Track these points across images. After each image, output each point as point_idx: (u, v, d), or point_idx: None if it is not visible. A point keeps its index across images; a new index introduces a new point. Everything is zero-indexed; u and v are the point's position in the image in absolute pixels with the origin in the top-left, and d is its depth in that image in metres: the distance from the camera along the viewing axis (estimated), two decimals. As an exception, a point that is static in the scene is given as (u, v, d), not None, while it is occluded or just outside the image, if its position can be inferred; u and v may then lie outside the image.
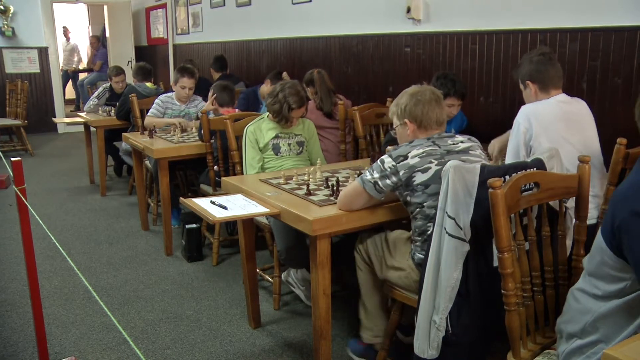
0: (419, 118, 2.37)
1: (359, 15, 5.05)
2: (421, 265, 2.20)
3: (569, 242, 2.08)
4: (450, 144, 2.33)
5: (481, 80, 4.00)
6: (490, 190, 1.69)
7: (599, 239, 1.55)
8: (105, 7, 10.05)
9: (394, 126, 2.52)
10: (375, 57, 4.94)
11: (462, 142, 2.38)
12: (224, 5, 7.34)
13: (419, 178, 2.22)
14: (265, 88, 4.90)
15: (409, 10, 4.42)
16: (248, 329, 3.07)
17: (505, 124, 2.82)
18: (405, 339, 2.76)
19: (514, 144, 2.70)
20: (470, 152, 2.36)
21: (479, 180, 1.92)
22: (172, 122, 4.55)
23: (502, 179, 1.85)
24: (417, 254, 2.30)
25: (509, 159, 2.70)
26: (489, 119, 3.91)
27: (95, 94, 6.23)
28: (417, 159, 2.23)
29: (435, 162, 2.23)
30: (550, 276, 1.96)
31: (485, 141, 3.55)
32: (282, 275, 3.37)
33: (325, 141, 4.04)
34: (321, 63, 5.30)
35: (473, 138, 2.47)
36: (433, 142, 2.31)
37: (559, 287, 2.00)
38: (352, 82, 5.20)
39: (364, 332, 2.65)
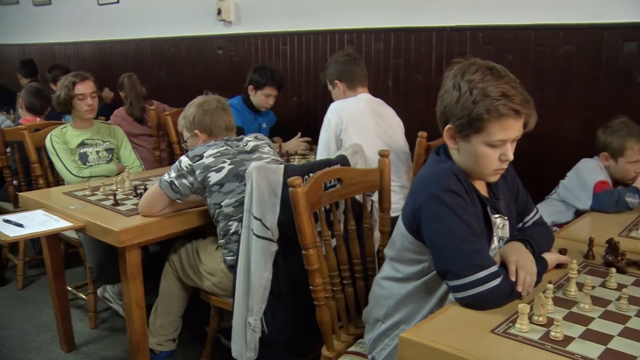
0: (208, 127, 2.46)
1: (170, 18, 4.93)
2: (233, 268, 2.18)
3: (377, 234, 2.17)
4: (241, 145, 2.42)
5: (293, 81, 4.09)
6: (290, 189, 1.71)
7: (399, 225, 1.64)
8: None
9: (185, 139, 2.57)
10: (188, 60, 4.85)
11: (250, 141, 2.46)
12: (18, 3, 6.74)
13: (214, 178, 2.26)
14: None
15: (219, 12, 4.39)
16: (60, 353, 2.85)
17: (318, 123, 2.90)
18: (229, 344, 2.72)
19: (325, 139, 2.80)
20: (259, 149, 2.45)
21: (283, 180, 1.94)
22: None
23: (304, 177, 1.90)
24: (226, 257, 2.31)
25: (320, 154, 2.79)
26: (301, 118, 4.01)
27: None
28: (211, 159, 2.28)
29: (229, 161, 2.30)
30: (359, 268, 2.03)
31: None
32: (98, 291, 3.18)
33: (139, 148, 3.88)
34: (133, 67, 5.08)
35: (260, 136, 2.57)
36: (225, 142, 2.38)
37: (368, 278, 2.07)
38: (166, 86, 5.07)
39: (153, 339, 2.57)
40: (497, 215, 1.63)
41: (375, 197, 2.16)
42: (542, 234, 1.72)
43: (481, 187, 1.62)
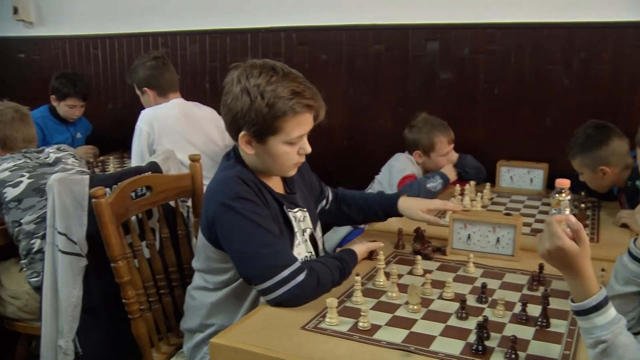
0: (2, 139, 2.29)
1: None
2: (40, 289, 2.01)
3: (195, 240, 2.11)
4: (42, 157, 2.27)
5: (107, 86, 3.89)
6: (93, 200, 1.61)
7: (200, 236, 1.61)
8: None
9: None
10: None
11: (52, 153, 2.32)
12: None
13: (10, 193, 2.10)
14: None
15: (16, 11, 4.02)
16: None
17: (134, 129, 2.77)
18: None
19: (138, 149, 2.69)
20: (62, 161, 2.31)
21: (89, 191, 1.82)
22: None
23: (112, 186, 1.80)
24: (30, 278, 2.14)
25: (134, 164, 2.66)
26: (117, 125, 3.82)
27: None
28: (7, 173, 2.12)
29: (27, 175, 2.14)
30: (176, 277, 1.97)
31: (116, 148, 3.48)
32: None
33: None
34: None
35: (64, 146, 2.42)
36: (24, 155, 2.22)
37: (186, 285, 2.00)
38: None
39: None
40: (295, 210, 1.65)
41: (190, 202, 2.10)
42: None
43: (276, 185, 1.64)
